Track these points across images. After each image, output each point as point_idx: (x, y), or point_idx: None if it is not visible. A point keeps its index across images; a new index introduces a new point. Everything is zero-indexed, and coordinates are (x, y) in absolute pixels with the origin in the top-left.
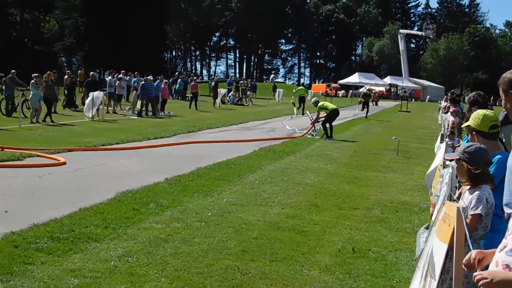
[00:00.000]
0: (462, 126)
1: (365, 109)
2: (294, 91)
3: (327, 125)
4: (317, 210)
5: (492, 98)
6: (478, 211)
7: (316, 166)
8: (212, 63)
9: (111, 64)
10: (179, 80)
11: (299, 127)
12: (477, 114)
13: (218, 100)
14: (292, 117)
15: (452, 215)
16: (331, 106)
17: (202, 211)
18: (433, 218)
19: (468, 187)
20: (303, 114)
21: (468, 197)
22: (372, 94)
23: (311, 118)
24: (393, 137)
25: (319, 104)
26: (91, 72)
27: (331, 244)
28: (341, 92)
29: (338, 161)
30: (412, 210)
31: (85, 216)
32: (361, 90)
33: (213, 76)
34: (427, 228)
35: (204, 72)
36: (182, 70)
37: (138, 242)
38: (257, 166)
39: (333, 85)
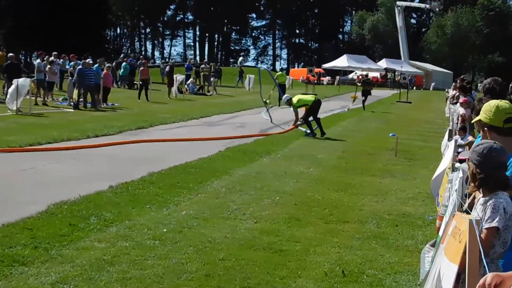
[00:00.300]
0: (472, 121)
1: (364, 99)
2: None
3: (311, 118)
4: (299, 224)
5: (511, 85)
6: (494, 223)
7: (297, 170)
8: (167, 43)
9: (39, 44)
10: (124, 64)
11: (282, 121)
12: (489, 106)
13: (174, 89)
14: (267, 110)
15: (464, 229)
16: (309, 98)
17: (155, 226)
18: (440, 233)
19: (482, 194)
20: (279, 105)
21: (482, 207)
22: (372, 81)
23: (268, 118)
24: (390, 134)
25: (293, 101)
26: (9, 54)
27: (316, 266)
28: (326, 79)
29: (324, 163)
30: (415, 224)
31: (9, 234)
32: (350, 76)
33: (167, 59)
34: (433, 245)
35: (157, 54)
36: (129, 52)
37: (77, 266)
38: (224, 170)
39: (316, 70)
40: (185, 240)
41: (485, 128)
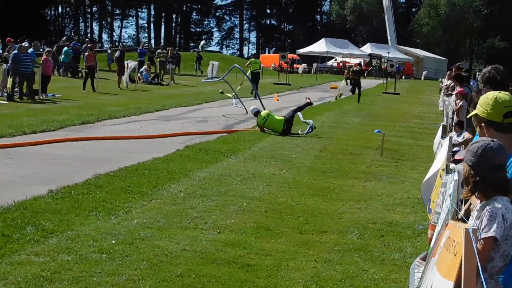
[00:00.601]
0: (468, 115)
1: (356, 91)
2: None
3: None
4: (269, 235)
5: None
6: (491, 233)
7: (267, 172)
8: (116, 24)
9: None
10: (66, 48)
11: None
12: (486, 99)
13: (125, 78)
14: (235, 104)
15: (459, 240)
16: (278, 121)
17: (102, 237)
18: (432, 244)
19: (479, 200)
20: (255, 96)
21: (478, 215)
22: (361, 69)
23: (241, 107)
24: (375, 130)
25: (261, 115)
26: None
27: (289, 284)
28: (301, 66)
29: (299, 164)
30: (403, 234)
31: None
32: (329, 63)
33: (117, 43)
34: (424, 259)
35: (105, 37)
36: (73, 34)
37: (10, 284)
38: (182, 172)
39: (290, 56)
40: (137, 253)
41: (482, 124)
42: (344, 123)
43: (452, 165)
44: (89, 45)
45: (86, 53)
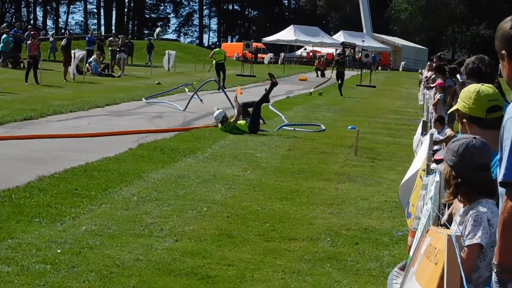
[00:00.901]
0: (449, 111)
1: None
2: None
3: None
4: (232, 242)
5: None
6: (476, 240)
7: (230, 173)
8: (62, 10)
9: None
10: (5, 36)
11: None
12: (468, 92)
13: (72, 69)
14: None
15: (441, 247)
16: (241, 125)
17: (46, 246)
18: (411, 252)
19: (462, 204)
20: (223, 88)
21: (461, 220)
22: (344, 60)
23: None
24: (349, 127)
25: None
26: None
27: None
28: (267, 56)
29: (265, 164)
30: (380, 241)
31: None
32: (298, 52)
33: (63, 30)
34: (402, 268)
35: (50, 23)
36: (14, 20)
37: None
38: (135, 173)
39: (255, 44)
40: (85, 263)
41: (464, 120)
42: (314, 118)
43: (433, 165)
44: (32, 32)
45: (29, 42)
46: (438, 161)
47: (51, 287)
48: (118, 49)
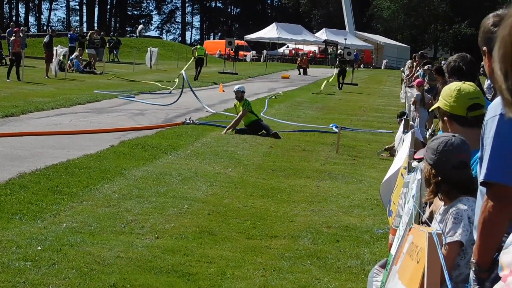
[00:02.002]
0: (430, 108)
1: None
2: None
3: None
4: (213, 240)
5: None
6: (456, 237)
7: (211, 171)
8: (44, 6)
9: None
10: None
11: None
12: (449, 90)
13: (53, 65)
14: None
15: (422, 245)
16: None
17: (27, 243)
18: (393, 251)
19: (443, 202)
20: (196, 79)
21: (442, 218)
22: (345, 59)
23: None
24: (331, 125)
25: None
26: None
27: None
28: (249, 54)
29: (246, 162)
30: (361, 239)
31: None
32: (280, 50)
33: (45, 27)
34: (383, 266)
35: (32, 20)
36: None
37: None
38: (116, 170)
39: (238, 42)
40: (65, 261)
41: (445, 118)
42: (296, 116)
43: (414, 163)
44: (14, 29)
45: (12, 38)
46: (420, 160)
47: (31, 284)
48: (98, 45)
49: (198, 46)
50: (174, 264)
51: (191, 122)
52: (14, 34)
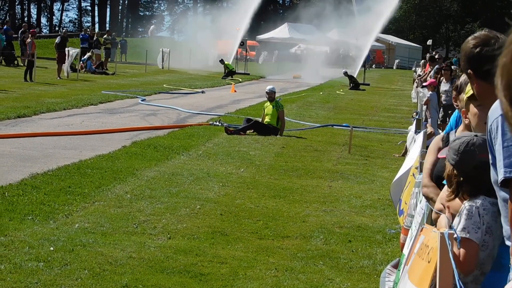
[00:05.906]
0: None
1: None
2: None
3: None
4: (225, 240)
5: None
6: (466, 234)
7: (223, 171)
8: (56, 7)
9: None
10: None
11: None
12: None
13: (66, 66)
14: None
15: (434, 246)
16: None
17: (39, 244)
18: (405, 251)
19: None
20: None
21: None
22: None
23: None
24: (343, 125)
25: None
26: None
27: None
28: (261, 54)
29: (258, 162)
30: (373, 239)
31: None
32: (292, 50)
33: (57, 28)
34: (395, 266)
35: (43, 21)
36: (8, 17)
37: None
38: (129, 171)
39: (250, 42)
40: (78, 261)
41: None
42: (308, 116)
43: None
44: (31, 30)
45: (29, 40)
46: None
47: (43, 284)
48: (109, 45)
49: (226, 62)
50: (186, 264)
51: (220, 124)
52: (31, 36)
